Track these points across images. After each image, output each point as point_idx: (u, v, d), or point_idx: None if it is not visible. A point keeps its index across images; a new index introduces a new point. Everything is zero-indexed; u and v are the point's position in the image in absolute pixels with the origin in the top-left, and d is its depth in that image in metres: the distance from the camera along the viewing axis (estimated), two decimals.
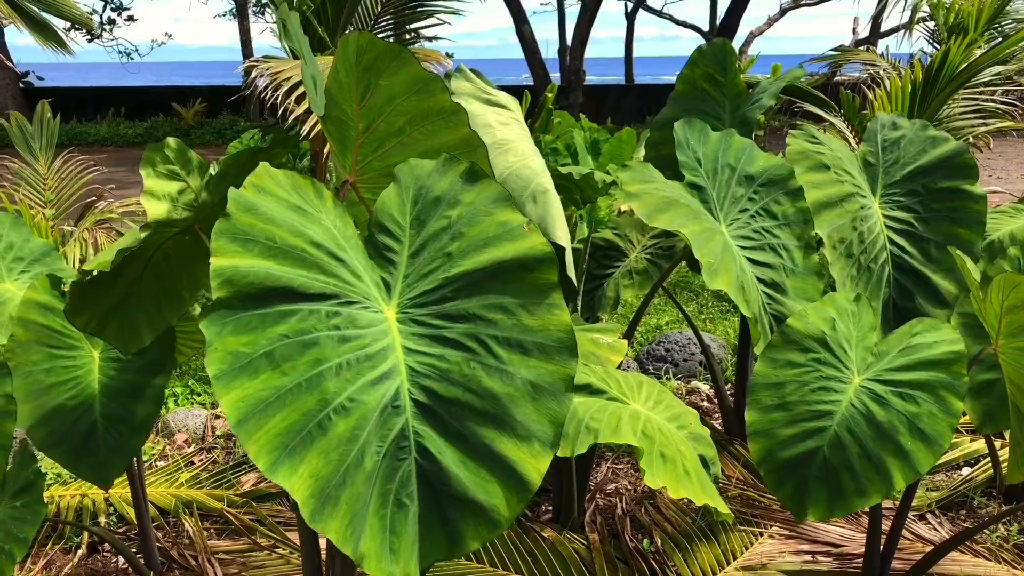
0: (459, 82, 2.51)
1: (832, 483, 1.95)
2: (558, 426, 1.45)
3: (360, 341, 1.46)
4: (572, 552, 2.61)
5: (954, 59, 4.19)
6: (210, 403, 4.00)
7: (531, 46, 15.45)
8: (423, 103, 1.79)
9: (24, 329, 2.18)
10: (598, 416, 2.02)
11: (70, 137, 16.06)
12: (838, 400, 2.01)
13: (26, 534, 1.94)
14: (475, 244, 1.59)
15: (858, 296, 2.19)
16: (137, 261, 1.99)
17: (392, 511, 1.37)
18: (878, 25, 15.94)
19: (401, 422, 1.42)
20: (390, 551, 1.36)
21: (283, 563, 2.63)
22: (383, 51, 1.69)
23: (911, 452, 1.88)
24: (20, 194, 4.52)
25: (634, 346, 4.78)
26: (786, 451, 2.01)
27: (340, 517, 1.34)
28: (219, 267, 1.39)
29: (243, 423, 1.33)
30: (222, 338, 1.36)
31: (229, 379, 1.35)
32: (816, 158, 2.68)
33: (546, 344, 1.50)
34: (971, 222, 2.60)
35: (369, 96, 1.75)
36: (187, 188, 1.96)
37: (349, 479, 1.36)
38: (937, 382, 1.92)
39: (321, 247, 1.52)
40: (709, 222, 2.40)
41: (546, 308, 1.53)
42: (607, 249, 3.47)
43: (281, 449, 1.34)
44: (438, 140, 1.84)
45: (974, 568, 2.54)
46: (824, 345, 2.08)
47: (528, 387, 1.47)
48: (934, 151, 2.73)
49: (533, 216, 2.26)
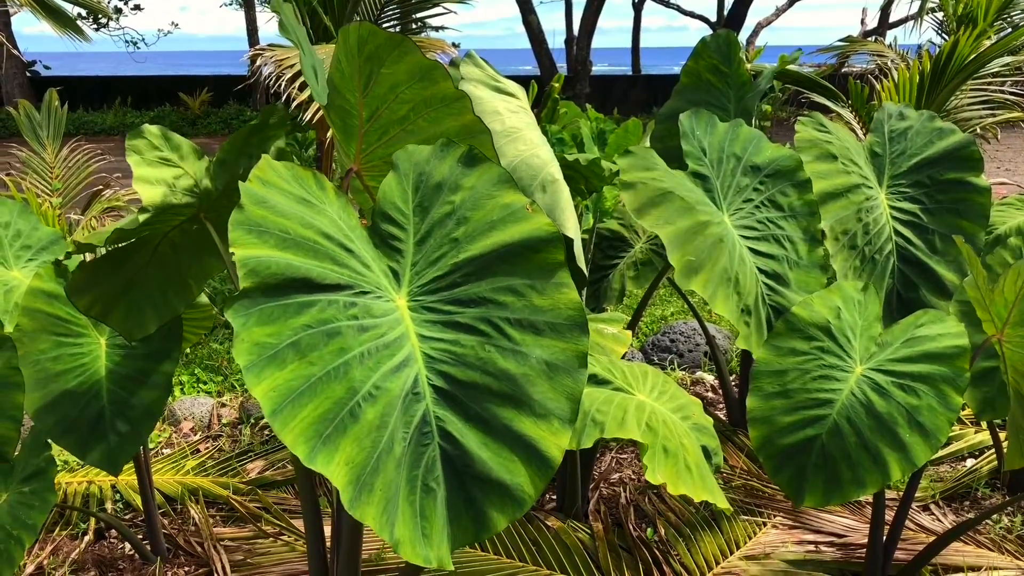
0: (468, 67, 2.49)
1: (829, 472, 1.96)
2: (575, 402, 1.48)
3: (378, 330, 1.47)
4: (576, 541, 2.62)
5: (963, 50, 4.17)
6: (216, 391, 4.02)
7: (538, 36, 15.41)
8: (426, 90, 1.79)
9: (30, 318, 2.19)
10: (604, 408, 2.01)
11: (77, 126, 16.09)
12: (839, 389, 2.01)
13: (34, 521, 1.95)
14: (480, 228, 1.60)
15: (866, 285, 2.19)
16: (143, 249, 2.00)
17: (421, 496, 1.40)
18: (887, 16, 15.86)
19: (422, 408, 1.44)
20: (422, 536, 1.38)
21: (288, 550, 2.64)
22: (384, 40, 1.69)
23: (909, 444, 1.88)
24: (28, 182, 4.53)
25: (639, 336, 4.78)
26: (785, 438, 2.02)
27: (376, 503, 1.36)
28: (244, 257, 1.40)
29: (277, 413, 1.35)
30: (248, 329, 1.38)
31: (259, 369, 1.36)
32: (824, 147, 2.68)
33: (557, 323, 1.53)
34: (975, 215, 2.60)
35: (372, 85, 1.76)
36: (183, 174, 1.96)
37: (382, 465, 1.38)
38: (939, 375, 1.92)
39: (331, 238, 1.54)
40: (705, 215, 2.36)
41: (554, 287, 1.55)
42: (612, 239, 3.47)
43: (317, 437, 1.36)
44: (442, 126, 1.84)
45: (977, 558, 2.54)
46: (828, 334, 2.08)
47: (543, 366, 1.49)
48: (941, 143, 2.74)
49: (542, 205, 2.25)
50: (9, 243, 2.53)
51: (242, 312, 1.39)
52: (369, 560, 2.53)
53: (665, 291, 5.67)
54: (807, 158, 2.64)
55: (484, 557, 2.57)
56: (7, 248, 2.52)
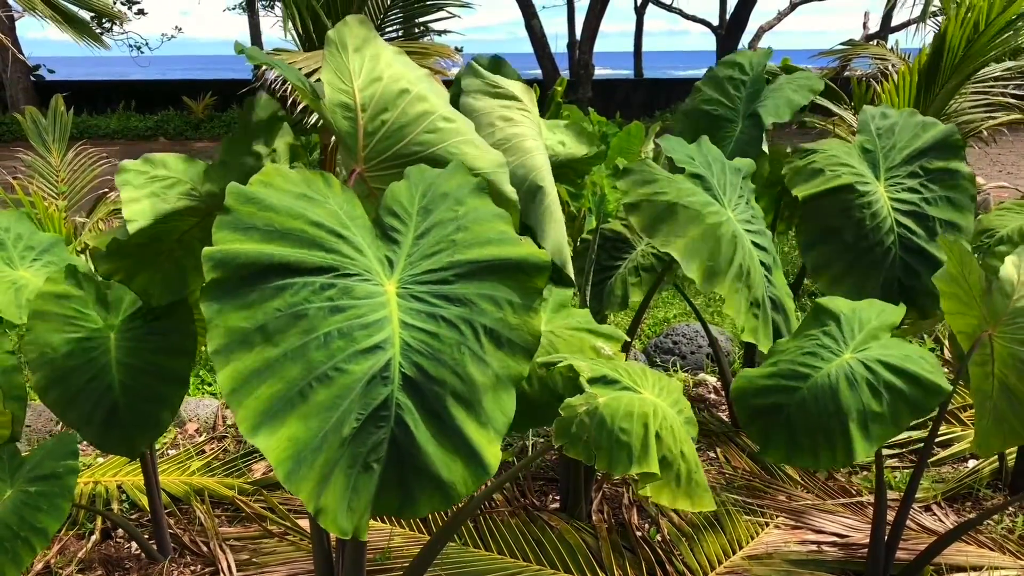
0: (468, 79, 2.52)
1: (791, 437, 2.06)
2: (508, 418, 1.54)
3: (356, 311, 1.52)
4: (579, 541, 2.63)
5: (953, 39, 4.15)
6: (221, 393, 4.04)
7: (540, 40, 15.44)
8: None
9: (41, 320, 2.25)
10: (627, 426, 1.85)
11: (81, 130, 16.12)
12: (819, 367, 2.08)
13: (44, 524, 1.94)
14: (479, 239, 1.68)
15: (897, 302, 2.30)
16: (167, 239, 2.04)
17: (358, 472, 1.44)
18: (889, 20, 15.87)
19: (386, 392, 1.48)
20: (348, 508, 1.42)
21: (293, 549, 2.66)
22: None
23: (854, 439, 1.95)
24: (34, 186, 4.56)
25: (641, 339, 4.80)
26: (758, 399, 2.13)
27: (312, 479, 1.41)
28: (208, 253, 1.47)
29: (234, 393, 1.41)
30: (223, 315, 1.45)
31: (227, 353, 1.43)
32: (808, 169, 2.87)
33: (515, 342, 1.59)
34: (964, 199, 2.81)
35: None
36: (175, 181, 1.98)
37: (326, 444, 1.42)
38: (908, 395, 1.96)
39: (321, 226, 1.58)
40: (713, 216, 2.42)
41: (527, 310, 1.63)
42: (616, 240, 3.48)
43: (264, 414, 1.41)
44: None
45: (979, 558, 2.55)
46: (837, 321, 2.18)
47: (494, 378, 1.55)
48: (926, 134, 2.93)
49: (524, 210, 2.29)
50: (12, 244, 2.59)
51: (217, 300, 1.45)
52: (374, 559, 2.55)
53: (668, 293, 5.68)
54: (795, 185, 2.86)
55: (488, 556, 2.59)
56: (12, 249, 2.58)
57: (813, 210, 2.82)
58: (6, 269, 2.52)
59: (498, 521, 2.76)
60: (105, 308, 2.31)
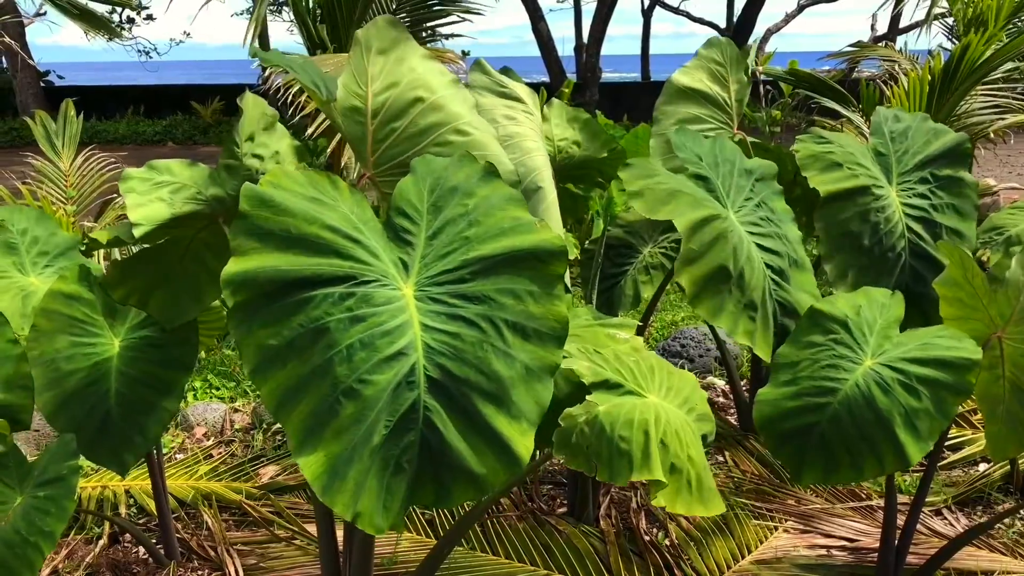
0: (475, 75, 2.62)
1: (828, 455, 2.01)
2: (542, 408, 1.54)
3: (376, 319, 1.52)
4: (587, 545, 2.62)
5: (974, 53, 4.16)
6: (228, 397, 4.05)
7: (547, 43, 15.43)
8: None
9: (47, 319, 2.22)
10: (626, 434, 1.85)
11: (90, 135, 16.16)
12: (845, 379, 2.04)
13: (52, 528, 1.94)
14: (492, 232, 1.66)
15: (894, 291, 2.25)
16: (175, 248, 2.04)
17: (391, 475, 1.45)
18: (897, 21, 15.81)
19: (413, 396, 1.48)
20: (383, 508, 1.43)
21: (301, 554, 2.66)
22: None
23: (904, 443, 1.91)
24: (43, 191, 4.58)
25: (649, 342, 4.79)
26: (787, 423, 2.07)
27: (347, 490, 1.43)
28: (227, 277, 1.48)
29: (280, 409, 1.45)
30: (252, 335, 1.47)
31: (263, 371, 1.46)
32: (827, 159, 2.78)
33: (543, 331, 1.59)
34: (968, 208, 2.82)
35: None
36: (181, 186, 1.97)
37: (356, 455, 1.44)
38: (943, 382, 1.93)
39: (337, 231, 1.58)
40: (713, 209, 2.41)
41: (550, 297, 1.62)
42: (620, 247, 3.48)
43: (305, 432, 1.44)
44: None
45: (990, 563, 2.53)
46: (845, 327, 2.14)
47: (524, 370, 1.55)
48: (937, 141, 2.91)
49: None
50: (26, 249, 2.56)
51: (245, 320, 1.47)
52: (381, 563, 2.54)
53: (676, 296, 5.67)
54: (812, 172, 2.75)
55: (495, 561, 2.58)
56: (24, 255, 2.55)
57: (832, 212, 2.72)
58: (16, 275, 2.48)
59: (505, 525, 2.75)
60: (112, 314, 2.29)
